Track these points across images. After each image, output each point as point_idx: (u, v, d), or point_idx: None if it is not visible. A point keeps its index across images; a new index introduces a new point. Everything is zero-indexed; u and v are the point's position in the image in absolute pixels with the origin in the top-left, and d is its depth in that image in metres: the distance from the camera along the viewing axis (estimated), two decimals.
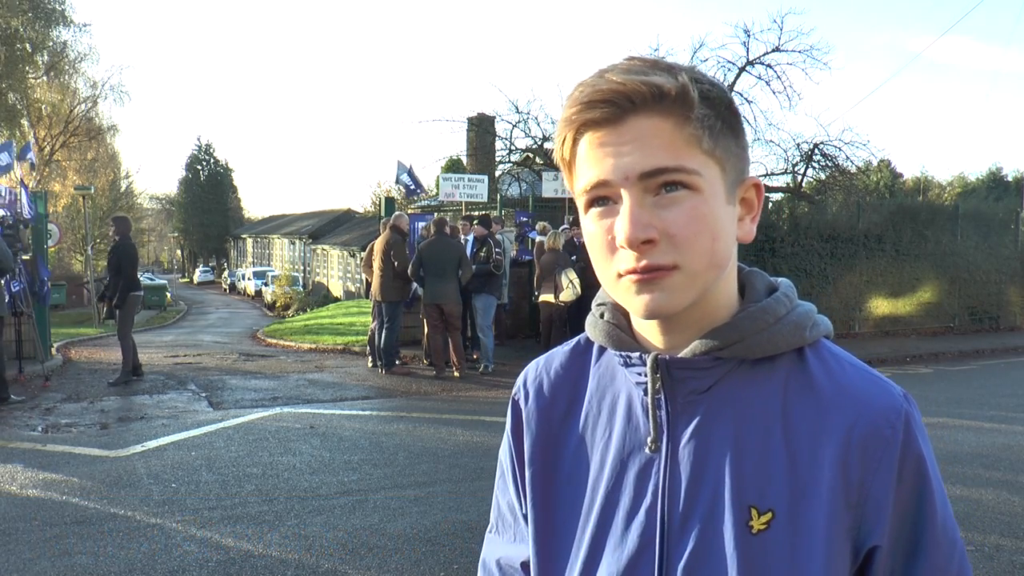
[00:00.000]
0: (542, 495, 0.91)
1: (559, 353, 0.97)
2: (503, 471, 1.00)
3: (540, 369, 0.97)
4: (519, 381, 0.98)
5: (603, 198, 0.77)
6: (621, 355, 0.86)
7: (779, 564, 0.76)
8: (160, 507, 4.73)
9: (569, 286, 9.51)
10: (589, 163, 0.77)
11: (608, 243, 0.77)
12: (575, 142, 0.79)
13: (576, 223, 10.97)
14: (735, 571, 0.76)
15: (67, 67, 34.92)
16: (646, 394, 0.83)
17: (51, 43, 33.83)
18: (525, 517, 0.94)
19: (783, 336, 0.81)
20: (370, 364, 10.32)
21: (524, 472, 0.93)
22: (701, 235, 0.75)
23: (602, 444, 0.87)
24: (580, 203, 0.80)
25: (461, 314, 9.59)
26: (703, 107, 0.75)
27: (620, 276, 0.77)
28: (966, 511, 4.65)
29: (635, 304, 0.78)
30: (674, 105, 0.74)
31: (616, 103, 0.74)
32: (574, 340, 0.97)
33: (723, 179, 0.78)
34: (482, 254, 9.70)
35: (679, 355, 0.81)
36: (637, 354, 0.84)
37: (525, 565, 0.96)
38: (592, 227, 0.79)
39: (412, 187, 13.20)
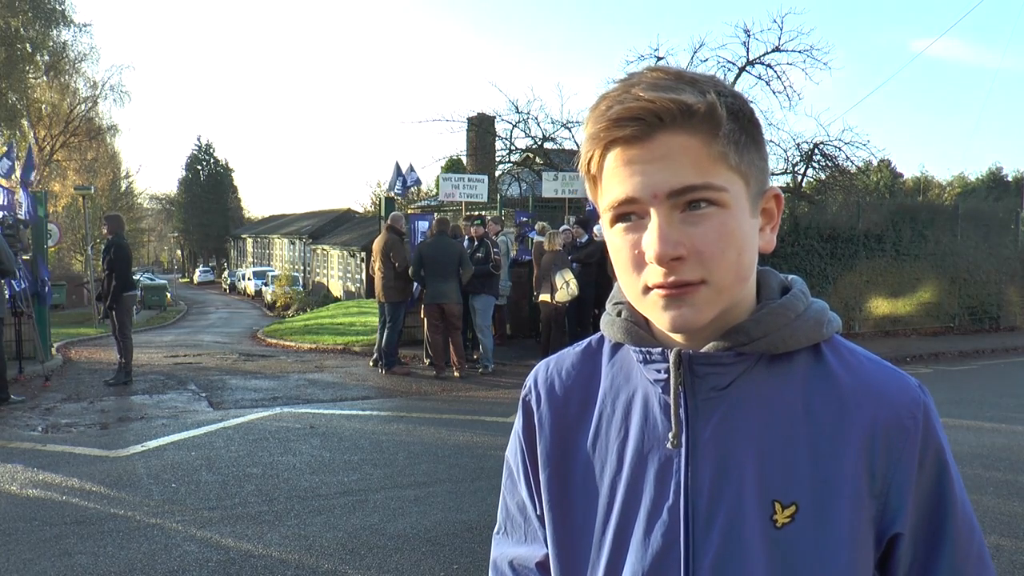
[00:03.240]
0: (559, 496, 0.90)
1: (570, 354, 0.96)
2: (511, 472, 0.99)
3: (551, 370, 0.96)
4: (529, 382, 0.97)
5: (629, 214, 0.77)
6: (641, 351, 0.85)
7: (805, 556, 0.77)
8: (160, 507, 4.73)
9: (564, 286, 9.47)
10: (616, 179, 0.77)
11: (634, 257, 0.77)
12: (602, 157, 0.78)
13: (577, 223, 10.98)
14: (762, 566, 0.77)
15: (67, 67, 34.93)
16: (664, 391, 0.83)
17: (51, 43, 33.84)
18: (539, 518, 0.94)
19: (804, 332, 0.82)
20: (371, 364, 10.34)
21: (539, 474, 0.92)
22: (728, 251, 0.75)
23: (618, 443, 0.87)
24: (605, 217, 0.80)
25: (462, 314, 9.60)
26: (730, 123, 0.75)
27: (648, 289, 0.77)
28: None
29: (662, 318, 0.78)
30: (703, 123, 0.74)
31: (645, 120, 0.74)
32: (585, 341, 0.96)
33: (747, 193, 0.78)
34: (480, 254, 9.71)
35: (702, 350, 0.81)
36: (659, 350, 0.83)
37: (540, 565, 0.95)
38: (618, 241, 0.79)
39: (410, 183, 13.20)
